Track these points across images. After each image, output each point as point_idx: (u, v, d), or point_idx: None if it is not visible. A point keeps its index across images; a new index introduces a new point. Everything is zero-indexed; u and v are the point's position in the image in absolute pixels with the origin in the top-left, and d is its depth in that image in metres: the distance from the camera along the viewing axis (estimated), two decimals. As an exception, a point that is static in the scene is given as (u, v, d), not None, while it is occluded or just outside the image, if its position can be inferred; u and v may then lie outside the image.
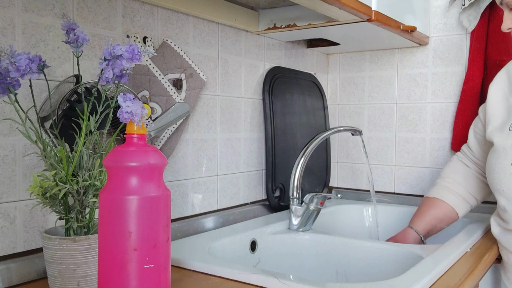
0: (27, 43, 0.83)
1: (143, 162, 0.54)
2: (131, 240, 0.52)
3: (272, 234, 1.19)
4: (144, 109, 0.56)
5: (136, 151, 0.54)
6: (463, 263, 0.97)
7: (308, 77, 1.63)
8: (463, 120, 1.48)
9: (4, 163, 0.81)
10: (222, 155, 1.29)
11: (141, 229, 0.52)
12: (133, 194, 0.53)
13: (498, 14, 1.41)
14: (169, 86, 1.07)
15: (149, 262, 0.53)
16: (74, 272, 0.69)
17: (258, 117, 1.42)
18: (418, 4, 1.46)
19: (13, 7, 0.81)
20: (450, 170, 1.28)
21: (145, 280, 0.53)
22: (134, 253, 0.52)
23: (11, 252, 0.82)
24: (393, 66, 1.65)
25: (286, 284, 0.78)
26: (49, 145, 0.72)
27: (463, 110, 1.48)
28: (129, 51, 0.67)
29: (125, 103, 0.54)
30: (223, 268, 0.85)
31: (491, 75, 1.43)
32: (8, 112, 0.80)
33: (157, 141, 1.07)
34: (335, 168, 1.78)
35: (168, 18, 1.11)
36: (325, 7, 1.09)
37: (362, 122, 1.72)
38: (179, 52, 1.11)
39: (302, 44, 1.63)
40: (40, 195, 0.70)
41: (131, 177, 0.53)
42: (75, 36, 0.71)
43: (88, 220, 0.73)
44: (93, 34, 0.94)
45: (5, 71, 0.66)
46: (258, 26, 1.36)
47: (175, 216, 1.15)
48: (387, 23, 1.25)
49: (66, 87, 0.85)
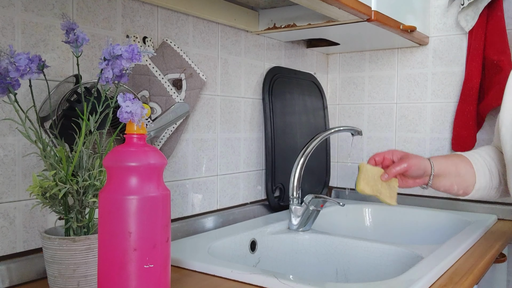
0: (27, 43, 0.83)
1: (142, 162, 0.54)
2: (131, 240, 0.52)
3: (272, 234, 1.19)
4: (143, 109, 0.56)
5: (135, 151, 0.54)
6: (463, 263, 0.97)
7: (308, 77, 1.63)
8: (462, 120, 1.48)
9: (3, 163, 0.81)
10: (222, 155, 1.29)
11: (141, 229, 0.52)
12: (133, 194, 0.52)
13: (497, 14, 1.42)
14: (169, 86, 1.07)
15: (149, 262, 0.53)
16: (74, 272, 0.69)
17: (258, 117, 1.42)
18: (418, 4, 1.46)
19: (13, 7, 0.81)
20: (486, 148, 1.17)
21: (145, 280, 0.53)
22: (134, 253, 0.52)
23: (11, 252, 0.82)
24: (393, 66, 1.65)
25: (286, 284, 0.78)
26: (49, 145, 0.72)
27: (463, 110, 1.48)
28: (128, 51, 0.66)
29: (125, 103, 0.54)
30: (223, 268, 0.85)
31: (489, 74, 1.43)
32: (8, 112, 0.80)
33: (157, 141, 1.07)
34: (335, 168, 1.78)
35: (168, 18, 1.11)
36: (325, 7, 1.09)
37: (362, 122, 1.72)
38: (179, 52, 1.11)
39: (302, 44, 1.63)
40: (40, 195, 0.69)
41: (130, 177, 0.53)
42: (74, 36, 0.71)
43: (88, 220, 0.73)
44: (93, 34, 0.94)
45: (5, 71, 0.66)
46: (258, 26, 1.36)
47: (175, 216, 1.15)
48: (387, 23, 1.25)
49: (66, 87, 0.85)
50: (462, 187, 1.07)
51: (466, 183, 1.07)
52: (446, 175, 1.07)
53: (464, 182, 1.07)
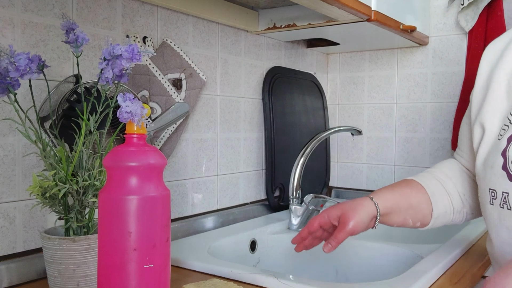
0: (27, 43, 0.83)
1: (142, 162, 0.54)
2: (131, 240, 0.52)
3: (272, 234, 1.19)
4: (143, 109, 0.56)
5: (135, 151, 0.54)
6: (463, 262, 0.97)
7: (308, 77, 1.63)
8: (463, 120, 1.48)
9: (3, 163, 0.81)
10: (222, 155, 1.29)
11: (141, 229, 0.52)
12: (133, 194, 0.52)
13: (496, 14, 1.42)
14: (168, 86, 1.07)
15: (148, 262, 0.53)
16: (74, 272, 0.69)
17: (258, 117, 1.42)
18: (418, 4, 1.46)
19: (12, 7, 0.81)
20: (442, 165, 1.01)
21: (145, 280, 0.53)
22: (134, 253, 0.52)
23: (11, 252, 0.82)
24: (393, 66, 1.65)
25: (286, 284, 0.78)
26: (49, 145, 0.72)
27: (463, 110, 1.48)
28: (128, 51, 0.66)
29: (125, 103, 0.54)
30: (223, 268, 0.85)
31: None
32: (8, 112, 0.80)
33: (157, 141, 1.06)
34: (335, 168, 1.78)
35: (168, 18, 1.11)
36: (325, 7, 1.09)
37: (362, 122, 1.72)
38: (178, 52, 1.11)
39: (301, 44, 1.63)
40: (40, 195, 0.69)
41: (130, 177, 0.53)
42: (74, 36, 0.71)
43: (87, 220, 0.73)
44: (93, 34, 0.94)
45: (5, 71, 0.66)
46: (258, 26, 1.35)
47: (175, 216, 1.15)
48: (387, 23, 1.25)
49: (65, 87, 0.85)
50: (417, 219, 0.91)
51: (421, 213, 0.91)
52: (396, 212, 0.90)
53: (419, 213, 0.91)
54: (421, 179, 0.94)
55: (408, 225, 0.92)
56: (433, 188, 0.93)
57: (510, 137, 0.80)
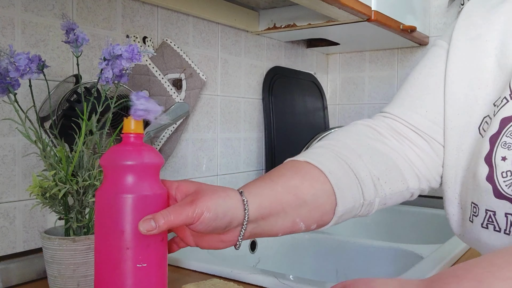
0: (27, 43, 0.83)
1: (137, 160, 0.53)
2: (124, 238, 0.52)
3: (272, 234, 1.19)
4: (159, 106, 0.55)
5: (131, 150, 0.54)
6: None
7: (308, 77, 1.63)
8: (463, 120, 1.47)
9: (3, 163, 0.81)
10: (222, 155, 1.29)
11: (134, 228, 0.52)
12: (126, 192, 0.52)
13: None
14: (168, 86, 1.07)
15: (142, 262, 0.53)
16: (74, 272, 0.69)
17: (258, 117, 1.42)
18: (418, 4, 1.46)
19: (12, 7, 0.81)
20: (343, 135, 0.70)
21: (138, 279, 0.53)
22: (127, 252, 0.52)
23: (11, 252, 0.82)
24: (393, 66, 1.65)
25: (286, 284, 0.78)
26: (49, 145, 0.72)
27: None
28: (128, 51, 0.66)
29: (139, 101, 0.53)
30: (223, 268, 0.85)
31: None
32: (8, 112, 0.80)
33: (157, 141, 1.07)
34: (335, 168, 1.78)
35: (168, 18, 1.11)
36: (325, 7, 1.09)
37: (362, 122, 1.71)
38: (179, 52, 1.11)
39: (302, 44, 1.63)
40: (40, 195, 0.69)
41: (124, 176, 0.53)
42: (74, 36, 0.71)
43: (87, 220, 0.73)
44: (93, 34, 0.94)
45: (5, 71, 0.66)
46: (258, 26, 1.36)
47: (175, 216, 1.14)
48: (387, 23, 1.25)
49: (65, 87, 0.85)
50: (313, 220, 0.61)
51: (318, 211, 0.61)
52: (278, 214, 0.58)
53: (315, 211, 0.61)
54: (318, 159, 0.63)
55: (298, 230, 0.61)
56: (337, 173, 0.62)
57: (494, 136, 0.59)
